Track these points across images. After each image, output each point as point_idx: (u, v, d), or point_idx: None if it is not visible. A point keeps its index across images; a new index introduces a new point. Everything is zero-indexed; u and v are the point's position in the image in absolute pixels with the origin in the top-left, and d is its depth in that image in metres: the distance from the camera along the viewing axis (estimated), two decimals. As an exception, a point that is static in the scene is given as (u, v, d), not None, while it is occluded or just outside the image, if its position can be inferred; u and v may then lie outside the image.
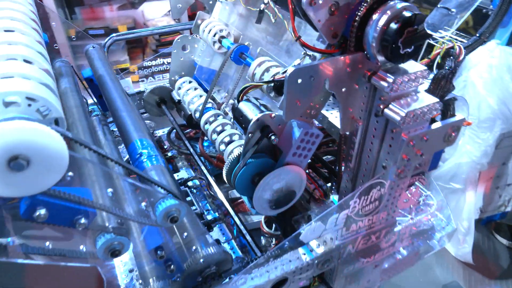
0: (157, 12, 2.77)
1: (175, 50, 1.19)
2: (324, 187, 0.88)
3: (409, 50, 0.57)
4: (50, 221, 0.47)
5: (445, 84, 0.63)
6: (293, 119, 0.65)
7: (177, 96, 1.22)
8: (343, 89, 0.64)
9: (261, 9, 0.85)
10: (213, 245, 0.68)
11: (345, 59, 0.59)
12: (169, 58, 1.22)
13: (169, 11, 1.13)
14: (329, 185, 0.90)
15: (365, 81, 0.61)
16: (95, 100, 1.15)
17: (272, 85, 0.76)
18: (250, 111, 0.72)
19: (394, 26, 0.54)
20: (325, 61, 0.58)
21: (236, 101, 0.76)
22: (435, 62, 0.64)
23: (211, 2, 1.14)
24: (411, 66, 0.60)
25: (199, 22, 1.10)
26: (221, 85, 1.10)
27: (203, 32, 1.07)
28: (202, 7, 1.18)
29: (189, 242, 0.67)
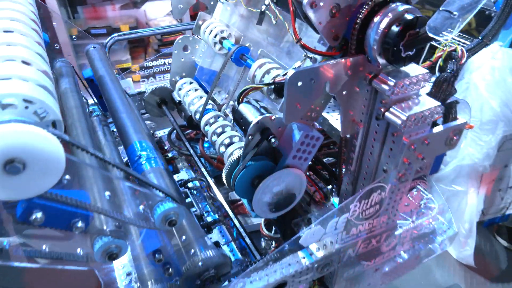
0: (159, 11, 2.77)
1: (176, 50, 1.19)
2: (324, 190, 0.88)
3: (410, 53, 0.56)
4: (46, 224, 0.46)
5: (447, 87, 0.63)
6: (293, 121, 0.65)
7: (178, 97, 1.21)
8: (344, 92, 0.63)
9: (262, 10, 0.84)
10: (212, 248, 0.67)
11: (346, 62, 0.59)
12: (170, 58, 1.22)
13: (171, 11, 1.12)
14: (329, 187, 0.90)
15: (366, 84, 0.61)
16: (95, 100, 1.15)
17: (272, 87, 0.76)
18: (250, 113, 0.72)
19: (395, 29, 0.54)
20: (326, 64, 0.57)
21: (236, 103, 0.75)
22: (437, 64, 0.64)
23: (212, 2, 1.13)
24: (413, 69, 0.59)
25: (200, 22, 1.10)
26: (221, 86, 1.09)
27: (204, 33, 1.07)
28: (204, 7, 1.17)
29: (187, 245, 0.67)
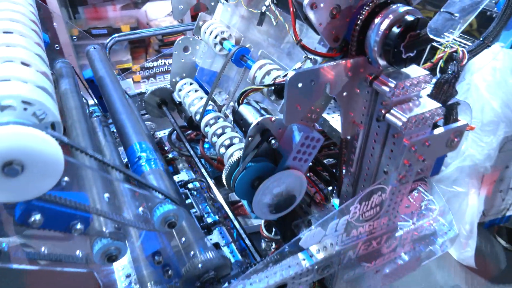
0: (160, 12, 2.77)
1: (176, 51, 1.19)
2: (325, 191, 0.88)
3: (411, 54, 0.56)
4: (45, 226, 0.46)
5: (448, 88, 0.62)
6: (293, 123, 0.65)
7: (178, 97, 1.21)
8: (344, 94, 0.63)
9: (263, 11, 0.84)
10: (211, 250, 0.67)
11: (347, 63, 0.58)
12: (171, 59, 1.22)
13: (172, 12, 1.12)
14: (330, 188, 0.89)
15: (366, 86, 0.60)
16: (95, 101, 1.15)
17: (273, 88, 0.75)
18: (250, 115, 0.72)
19: (396, 30, 0.54)
20: (326, 65, 0.57)
21: (236, 104, 0.75)
22: (438, 66, 0.63)
23: (213, 3, 1.13)
24: (414, 70, 0.59)
25: (201, 23, 1.10)
26: (222, 87, 1.09)
27: (205, 33, 1.06)
28: (205, 8, 1.17)
29: (187, 246, 0.67)
